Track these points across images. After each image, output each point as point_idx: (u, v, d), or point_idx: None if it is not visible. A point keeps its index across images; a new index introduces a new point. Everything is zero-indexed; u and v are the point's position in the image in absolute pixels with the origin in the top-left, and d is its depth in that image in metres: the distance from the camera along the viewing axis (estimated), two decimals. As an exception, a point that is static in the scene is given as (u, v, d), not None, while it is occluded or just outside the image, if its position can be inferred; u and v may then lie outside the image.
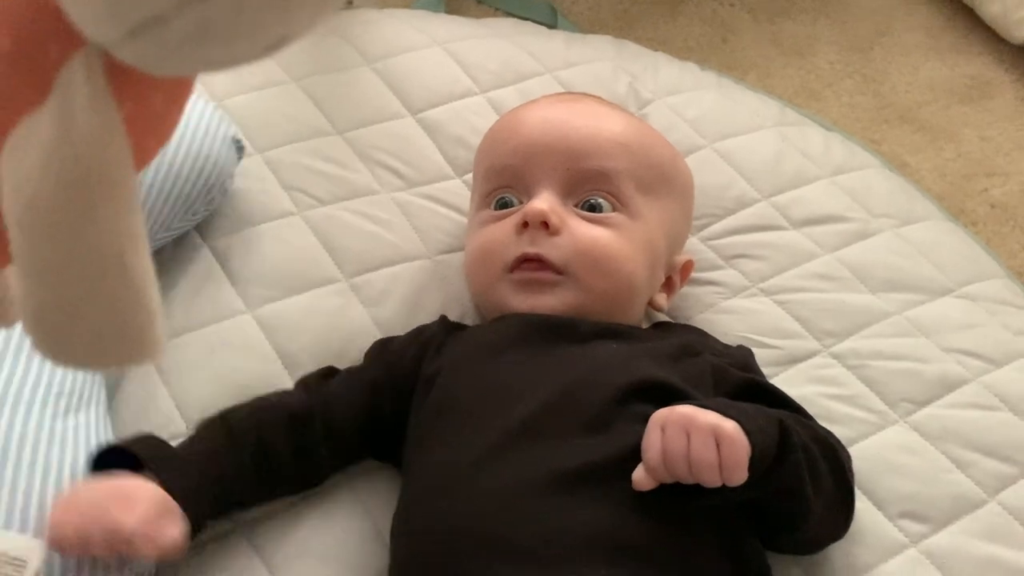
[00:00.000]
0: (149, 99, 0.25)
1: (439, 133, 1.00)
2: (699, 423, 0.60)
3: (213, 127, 0.86)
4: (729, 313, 0.87)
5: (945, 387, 0.83)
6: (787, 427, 0.64)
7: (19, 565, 0.57)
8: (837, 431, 0.74)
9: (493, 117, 0.96)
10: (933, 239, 0.98)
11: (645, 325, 0.84)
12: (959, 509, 0.75)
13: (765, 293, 0.89)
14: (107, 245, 0.25)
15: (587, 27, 1.42)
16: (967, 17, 1.48)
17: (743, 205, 0.96)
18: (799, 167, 1.02)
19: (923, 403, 0.82)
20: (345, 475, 0.75)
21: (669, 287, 0.83)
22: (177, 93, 0.27)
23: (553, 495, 0.63)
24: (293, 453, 0.70)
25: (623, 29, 1.43)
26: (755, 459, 0.61)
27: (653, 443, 0.62)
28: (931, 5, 1.51)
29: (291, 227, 0.90)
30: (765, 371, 0.80)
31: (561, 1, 1.46)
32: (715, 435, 0.60)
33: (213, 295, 0.84)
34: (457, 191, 0.95)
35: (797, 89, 1.38)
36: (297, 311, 0.84)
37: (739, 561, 0.65)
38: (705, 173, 0.96)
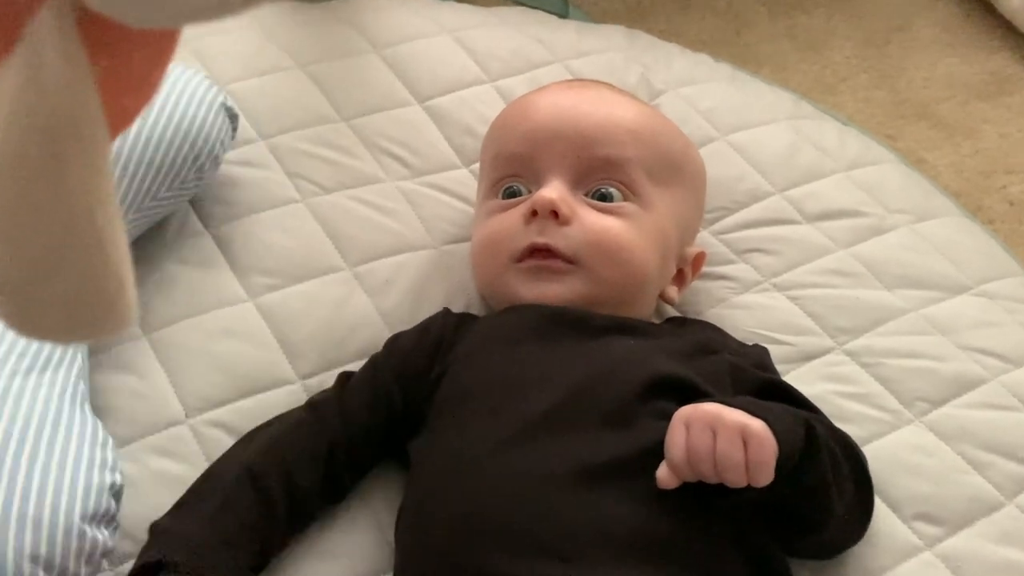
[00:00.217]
0: (127, 56, 0.24)
1: (446, 122, 0.99)
2: (726, 421, 0.59)
3: (200, 93, 0.83)
4: (741, 308, 0.86)
5: (962, 386, 0.81)
6: (813, 427, 0.63)
7: None
8: (850, 430, 0.72)
9: (501, 106, 0.94)
10: (950, 236, 0.96)
11: (656, 319, 0.82)
12: (975, 512, 0.74)
13: (778, 288, 0.88)
14: (76, 202, 0.24)
15: (599, 19, 1.40)
16: (986, 12, 1.46)
17: (756, 199, 0.95)
18: (814, 161, 1.00)
19: (939, 402, 0.80)
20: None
21: (680, 279, 0.82)
22: (157, 52, 0.25)
23: (575, 490, 0.61)
24: (320, 494, 0.69)
25: (635, 21, 1.41)
26: (782, 460, 0.59)
27: (677, 441, 0.60)
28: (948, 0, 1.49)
29: (295, 215, 0.89)
30: (777, 368, 0.79)
31: (573, -8, 1.44)
32: (742, 434, 0.58)
33: (215, 282, 0.83)
34: (464, 181, 0.93)
35: (812, 84, 1.37)
36: (300, 300, 0.82)
37: (759, 563, 0.64)
38: (718, 166, 0.94)
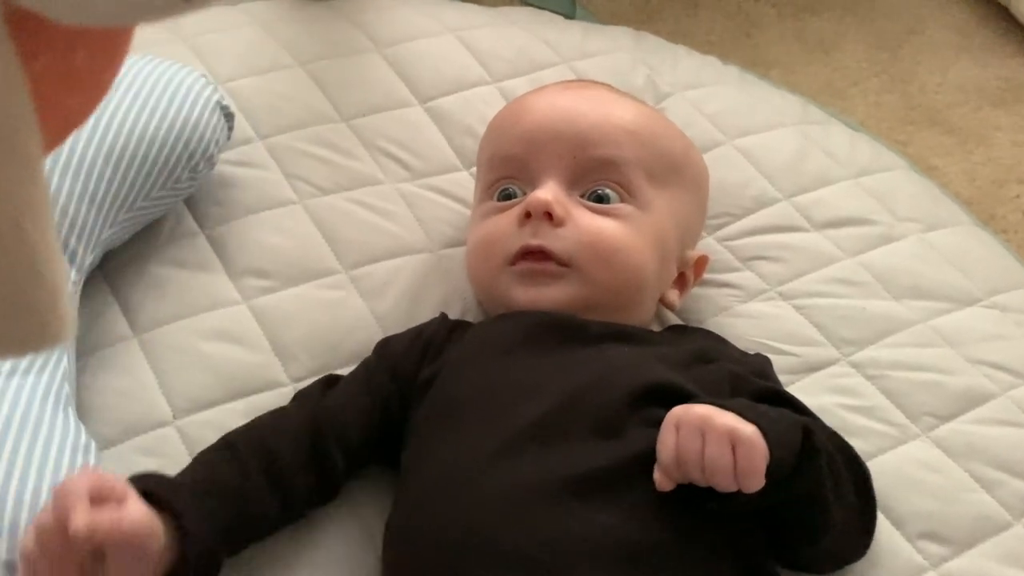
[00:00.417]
0: (68, 54, 0.22)
1: (448, 122, 0.97)
2: (715, 424, 0.58)
3: (195, 91, 0.82)
4: (744, 317, 0.84)
5: (970, 401, 0.79)
6: (811, 433, 0.61)
7: None
8: (855, 444, 0.70)
9: (504, 107, 0.93)
10: (961, 245, 0.94)
11: (657, 326, 0.81)
12: (982, 531, 0.72)
13: (783, 297, 0.86)
14: (1, 211, 0.22)
15: (606, 20, 1.39)
16: (1000, 17, 1.44)
17: (762, 205, 0.93)
18: (822, 167, 0.98)
19: (947, 417, 0.78)
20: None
21: (682, 284, 0.80)
22: (106, 49, 0.23)
23: (564, 501, 0.60)
24: (306, 467, 0.66)
25: (643, 22, 1.40)
26: (773, 466, 0.58)
27: (667, 443, 0.59)
28: (963, 4, 1.47)
29: (291, 216, 0.87)
30: (780, 379, 0.77)
31: (580, -8, 1.43)
32: (731, 438, 0.57)
33: (208, 284, 0.81)
34: (464, 183, 0.92)
35: (822, 87, 1.35)
36: (294, 302, 0.81)
37: (751, 574, 0.62)
38: (723, 170, 0.92)
